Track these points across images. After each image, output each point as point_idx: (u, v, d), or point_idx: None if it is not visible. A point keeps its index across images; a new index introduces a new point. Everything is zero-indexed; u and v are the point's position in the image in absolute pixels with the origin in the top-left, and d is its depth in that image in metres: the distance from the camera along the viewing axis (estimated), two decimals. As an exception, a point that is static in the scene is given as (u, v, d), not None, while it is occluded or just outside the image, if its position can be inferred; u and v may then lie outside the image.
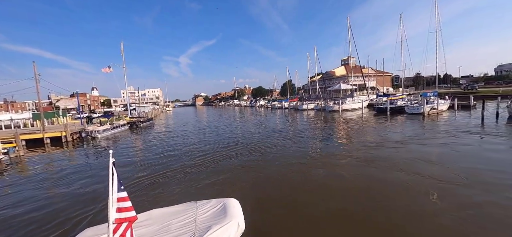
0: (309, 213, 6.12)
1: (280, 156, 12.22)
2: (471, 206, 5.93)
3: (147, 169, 10.89)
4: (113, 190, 2.72)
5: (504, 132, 14.43)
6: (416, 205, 6.18)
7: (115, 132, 24.88)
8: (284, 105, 49.95)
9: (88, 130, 21.64)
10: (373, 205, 6.29)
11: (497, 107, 19.31)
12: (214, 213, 3.94)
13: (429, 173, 8.27)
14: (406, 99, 28.28)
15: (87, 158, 14.91)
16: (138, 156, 14.46)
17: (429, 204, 6.18)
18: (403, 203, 6.34)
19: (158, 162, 12.22)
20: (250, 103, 78.62)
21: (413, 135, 15.37)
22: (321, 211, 6.23)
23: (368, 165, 9.74)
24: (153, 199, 7.44)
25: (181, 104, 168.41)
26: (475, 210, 5.72)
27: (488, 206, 5.89)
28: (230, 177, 9.28)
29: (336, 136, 17.12)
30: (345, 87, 44.19)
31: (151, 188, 8.53)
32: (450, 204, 6.07)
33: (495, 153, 10.62)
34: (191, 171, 10.20)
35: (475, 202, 6.09)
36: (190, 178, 9.44)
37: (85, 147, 18.72)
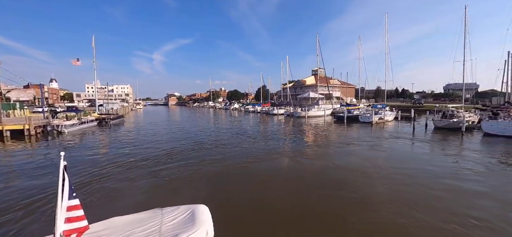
0: (278, 213, 6.55)
1: (251, 157, 12.83)
2: (387, 184, 8.43)
3: (111, 170, 10.34)
4: (63, 198, 2.52)
5: (428, 139, 18.18)
6: (362, 189, 8.49)
7: (84, 127, 24.40)
8: (257, 109, 52.26)
9: (53, 124, 21.10)
10: (327, 193, 8.19)
11: (426, 119, 23.70)
12: (182, 220, 3.73)
13: (367, 164, 10.91)
14: (362, 110, 32.28)
15: (48, 153, 14.18)
16: (103, 155, 13.79)
17: (363, 184, 8.55)
18: (349, 188, 8.61)
19: (125, 162, 11.72)
20: (225, 105, 79.62)
21: (358, 137, 18.53)
22: (287, 209, 6.82)
23: (321, 161, 12.20)
24: (114, 206, 6.96)
25: (153, 103, 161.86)
26: (389, 187, 8.21)
27: (398, 185, 8.43)
28: (200, 182, 9.19)
29: (299, 138, 19.60)
30: (313, 96, 47.99)
31: (114, 192, 8.06)
32: (369, 180, 8.51)
33: (413, 152, 13.87)
34: (160, 175, 9.90)
35: (385, 182, 8.63)
36: (157, 182, 9.09)
37: (52, 141, 18.44)
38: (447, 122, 21.32)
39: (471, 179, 9.18)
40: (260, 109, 51.55)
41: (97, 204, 7.15)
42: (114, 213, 3.88)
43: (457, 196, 7.57)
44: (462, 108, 23.54)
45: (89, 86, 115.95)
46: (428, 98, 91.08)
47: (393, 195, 7.55)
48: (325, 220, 6.17)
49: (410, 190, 7.94)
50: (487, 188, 8.27)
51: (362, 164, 11.30)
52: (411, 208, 6.58)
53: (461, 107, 23.62)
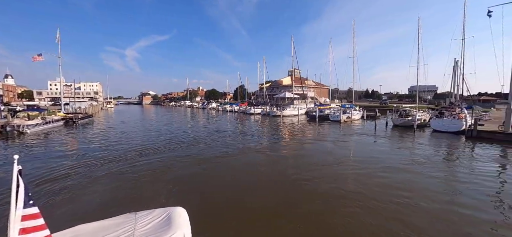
0: (257, 211, 6.65)
1: (228, 156, 13.06)
2: (348, 171, 9.61)
3: (80, 172, 9.84)
4: (18, 206, 2.31)
5: (387, 135, 20.27)
6: (332, 174, 9.51)
7: (48, 127, 22.92)
8: (234, 109, 52.74)
9: (14, 124, 19.63)
10: (302, 186, 9.15)
11: (387, 118, 26.23)
12: (157, 224, 3.54)
13: (331, 156, 12.12)
14: (332, 109, 34.43)
15: (6, 157, 12.83)
16: (71, 156, 13.03)
17: (324, 170, 9.59)
18: (320, 174, 9.60)
19: (95, 163, 11.24)
20: (202, 105, 78.75)
21: (327, 134, 20.00)
22: (266, 205, 6.95)
23: (294, 156, 13.18)
24: (81, 211, 6.59)
25: (125, 102, 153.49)
26: (351, 173, 9.35)
27: (360, 173, 9.63)
28: (177, 182, 8.92)
29: (273, 136, 20.55)
30: (289, 96, 49.71)
31: (81, 196, 7.58)
32: (336, 167, 9.61)
33: (372, 146, 15.50)
34: (133, 176, 9.51)
35: (348, 170, 9.82)
36: (131, 184, 8.68)
37: (12, 142, 17.24)
38: (403, 120, 23.89)
39: (416, 166, 10.79)
40: (238, 108, 52.10)
41: (62, 211, 6.61)
42: (81, 220, 3.64)
43: (404, 178, 8.96)
44: (417, 108, 26.48)
45: (52, 84, 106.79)
46: (394, 98, 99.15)
47: (356, 180, 8.83)
48: (302, 213, 6.43)
49: (370, 176, 9.23)
50: (429, 171, 9.86)
51: (330, 157, 12.65)
52: (371, 192, 7.77)
53: (415, 107, 26.56)
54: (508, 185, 8.67)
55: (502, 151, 14.11)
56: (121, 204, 6.93)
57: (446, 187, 8.53)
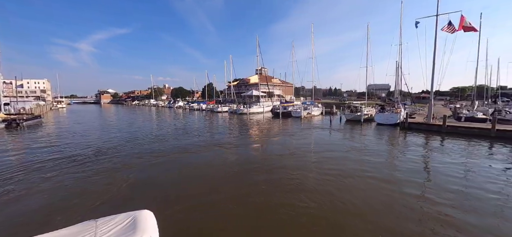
0: (226, 208, 6.62)
1: (194, 154, 13.10)
2: (303, 159, 10.85)
3: (28, 178, 9.06)
4: None
5: (340, 128, 22.66)
6: (292, 164, 10.56)
7: (-17, 130, 20.30)
8: (202, 107, 52.32)
9: None
10: (270, 179, 10.05)
11: (340, 113, 29.15)
12: (120, 230, 3.32)
13: (287, 147, 13.37)
14: (296, 106, 36.66)
15: None
16: (16, 160, 11.77)
17: (285, 160, 10.69)
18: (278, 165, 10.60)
19: (46, 166, 10.44)
20: (169, 103, 75.88)
21: (288, 129, 21.63)
22: (234, 201, 7.02)
23: (258, 150, 14.18)
24: (40, 220, 6.05)
25: (80, 101, 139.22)
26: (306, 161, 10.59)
27: (308, 159, 10.93)
28: (143, 184, 8.58)
29: (239, 132, 21.41)
30: (256, 94, 51.09)
31: (37, 205, 6.89)
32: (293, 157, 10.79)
33: (326, 138, 17.37)
34: (91, 179, 8.97)
35: (305, 159, 11.09)
36: (88, 187, 8.11)
37: None
38: (353, 115, 26.90)
39: (360, 152, 12.69)
40: (205, 107, 51.83)
41: (8, 222, 6.03)
42: (34, 231, 3.34)
43: (352, 161, 10.60)
44: (366, 105, 29.94)
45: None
46: (353, 96, 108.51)
47: (314, 164, 10.09)
48: (275, 208, 6.55)
49: (323, 162, 10.67)
50: (369, 156, 11.74)
51: (291, 148, 14.00)
52: (325, 172, 9.16)
53: (365, 104, 30.03)
54: (424, 165, 10.92)
55: (425, 138, 17.20)
56: (77, 211, 6.43)
57: (375, 166, 10.44)
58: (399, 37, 26.05)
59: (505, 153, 12.66)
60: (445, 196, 7.24)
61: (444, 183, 8.40)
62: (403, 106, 30.29)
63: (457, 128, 18.24)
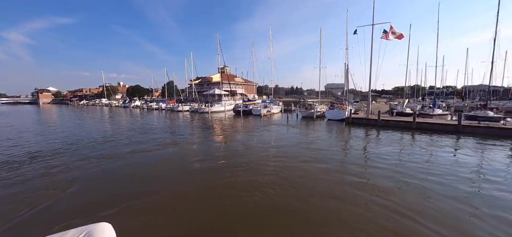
0: (191, 212, 6.30)
1: (150, 155, 12.45)
2: (266, 152, 11.43)
3: None
4: None
5: (296, 125, 24.27)
6: (250, 157, 10.92)
7: None
8: (161, 106, 49.88)
9: None
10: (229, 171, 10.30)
11: (297, 111, 31.21)
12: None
13: (245, 143, 13.93)
14: (257, 105, 37.80)
15: None
16: None
17: (241, 153, 11.11)
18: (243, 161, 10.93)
19: None
20: (124, 103, 70.11)
21: (248, 126, 22.36)
22: (198, 204, 6.75)
23: (213, 145, 14.38)
24: None
25: (10, 101, 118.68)
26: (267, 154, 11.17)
27: (267, 151, 11.58)
28: (98, 192, 7.70)
29: (198, 131, 21.28)
30: (218, 92, 50.85)
31: None
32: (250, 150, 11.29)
33: (283, 133, 18.54)
34: (32, 187, 7.92)
35: (267, 154, 11.71)
36: (28, 198, 7.03)
37: None
38: (308, 112, 29.13)
39: (310, 143, 13.98)
40: (165, 106, 49.55)
41: None
42: None
43: (304, 152, 11.63)
44: (319, 102, 32.62)
45: None
46: (313, 95, 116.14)
47: (270, 156, 10.75)
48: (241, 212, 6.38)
49: (279, 154, 11.45)
50: (319, 147, 13.02)
51: (249, 144, 14.60)
52: (282, 163, 9.83)
53: (317, 102, 32.71)
54: (362, 152, 12.67)
55: (365, 130, 19.72)
56: (28, 226, 5.66)
57: (323, 155, 11.82)
58: (345, 42, 29.03)
59: (423, 140, 15.45)
60: (376, 174, 8.80)
61: (377, 164, 10.20)
62: (352, 103, 33.91)
63: (388, 121, 21.39)
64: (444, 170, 9.40)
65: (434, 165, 10.11)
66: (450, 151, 12.76)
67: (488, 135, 16.44)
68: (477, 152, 12.51)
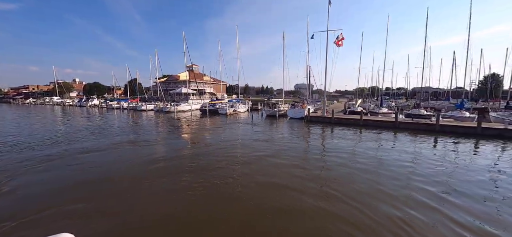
0: (157, 217, 6.00)
1: (107, 158, 11.71)
2: (227, 150, 11.83)
3: None
4: None
5: (260, 123, 25.29)
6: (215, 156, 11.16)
7: None
8: (122, 106, 47.05)
9: None
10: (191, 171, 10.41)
11: (261, 110, 32.43)
12: None
13: (213, 140, 14.25)
14: (223, 104, 38.13)
15: None
16: None
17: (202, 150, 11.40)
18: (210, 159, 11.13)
19: None
20: (80, 102, 64.24)
21: (212, 125, 22.70)
22: (161, 207, 6.50)
23: (181, 146, 14.45)
24: None
25: None
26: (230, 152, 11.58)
27: (231, 150, 12.04)
28: (57, 200, 6.87)
29: (161, 131, 20.93)
30: (185, 91, 49.80)
31: None
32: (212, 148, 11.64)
33: (247, 131, 19.28)
34: None
35: (229, 151, 12.13)
36: None
37: None
38: (271, 111, 30.53)
39: (278, 137, 14.90)
40: (127, 105, 46.88)
41: None
42: None
43: (265, 147, 12.39)
44: (282, 102, 34.30)
45: None
46: (281, 94, 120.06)
47: (231, 152, 11.26)
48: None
49: (241, 150, 12.04)
50: (286, 138, 13.97)
51: (212, 141, 14.98)
52: (242, 158, 10.36)
53: (280, 101, 34.39)
54: (317, 145, 13.99)
55: (321, 127, 21.54)
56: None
57: (283, 149, 12.83)
58: (306, 45, 31.06)
59: (368, 136, 17.55)
60: (328, 162, 9.98)
61: (329, 156, 11.56)
62: (315, 102, 36.28)
63: (341, 119, 23.68)
64: (371, 159, 11.13)
65: (358, 156, 11.84)
66: (379, 143, 14.89)
67: (418, 130, 19.37)
68: (404, 143, 14.85)
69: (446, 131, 18.41)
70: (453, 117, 23.66)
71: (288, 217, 5.97)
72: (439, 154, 12.31)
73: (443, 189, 7.60)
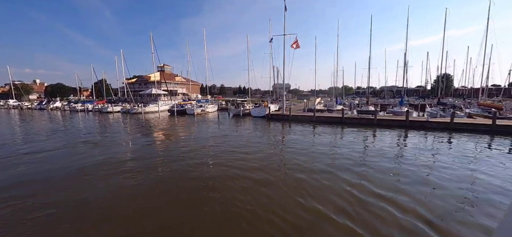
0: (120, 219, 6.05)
1: (56, 162, 11.23)
2: (197, 148, 12.80)
3: None
4: None
5: (226, 121, 26.52)
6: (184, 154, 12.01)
7: None
8: (87, 108, 45.32)
9: None
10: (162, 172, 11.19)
11: (229, 109, 33.74)
12: None
13: (176, 138, 15.17)
14: (191, 104, 38.75)
15: None
16: None
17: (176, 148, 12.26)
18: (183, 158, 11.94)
19: None
20: (40, 104, 60.11)
21: (179, 124, 23.47)
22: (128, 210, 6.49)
23: (149, 145, 15.08)
24: None
25: None
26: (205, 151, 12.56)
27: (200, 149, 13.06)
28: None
29: (127, 132, 21.20)
30: (156, 92, 49.36)
31: None
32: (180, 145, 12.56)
33: (212, 129, 20.38)
34: None
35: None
36: None
37: None
38: (237, 110, 31.98)
39: (241, 134, 16.20)
40: (92, 107, 45.27)
41: None
42: None
43: (234, 138, 13.59)
44: (248, 101, 35.95)
45: None
46: (257, 94, 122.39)
47: (204, 149, 12.28)
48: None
49: (209, 144, 13.11)
50: (248, 134, 15.29)
51: (179, 140, 15.88)
52: (211, 151, 11.43)
53: (246, 101, 36.04)
54: (274, 140, 15.59)
55: (281, 124, 23.42)
56: None
57: (242, 144, 14.21)
58: (269, 47, 32.97)
59: (316, 131, 19.66)
60: (283, 152, 11.52)
61: (284, 147, 13.15)
62: (281, 102, 38.16)
63: (297, 116, 25.88)
64: (307, 149, 13.06)
65: (298, 148, 13.75)
66: (321, 134, 17.04)
67: (360, 124, 22.04)
68: (342, 134, 17.16)
69: (382, 124, 21.27)
70: (393, 112, 27.08)
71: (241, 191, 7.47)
72: (362, 141, 14.77)
73: (354, 163, 9.88)
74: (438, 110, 26.77)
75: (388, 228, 5.45)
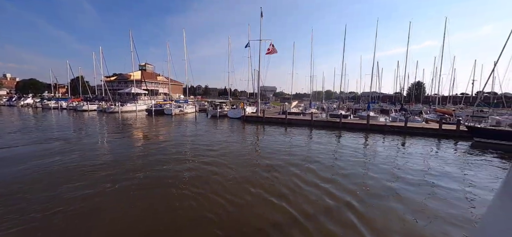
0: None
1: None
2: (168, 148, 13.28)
3: None
4: None
5: (203, 122, 27.13)
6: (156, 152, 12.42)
7: None
8: (61, 105, 43.91)
9: None
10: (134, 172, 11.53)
11: (207, 110, 34.39)
12: None
13: (154, 138, 15.59)
14: (170, 105, 38.90)
15: None
16: None
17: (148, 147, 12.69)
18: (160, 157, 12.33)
19: None
20: (10, 101, 57.19)
21: (156, 124, 23.78)
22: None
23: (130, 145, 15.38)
24: None
25: None
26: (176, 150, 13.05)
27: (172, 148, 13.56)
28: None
29: (100, 132, 21.15)
30: (135, 91, 48.70)
31: None
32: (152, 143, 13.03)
33: (191, 130, 20.92)
34: None
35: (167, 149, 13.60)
36: None
37: None
38: (214, 111, 32.73)
39: (218, 135, 16.87)
40: (67, 104, 43.92)
41: None
42: None
43: (210, 136, 14.22)
44: (227, 103, 36.80)
45: None
46: (244, 96, 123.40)
47: (177, 147, 12.81)
48: None
49: (185, 143, 13.66)
50: (226, 134, 15.98)
51: (155, 140, 16.27)
52: (188, 152, 11.97)
53: (224, 102, 36.89)
54: (247, 139, 16.47)
55: (255, 126, 24.45)
56: None
57: (217, 143, 14.88)
58: (248, 51, 34.08)
59: (289, 132, 20.87)
60: (257, 147, 12.39)
61: (256, 146, 13.99)
62: (263, 104, 39.33)
63: (270, 118, 27.12)
64: (273, 148, 14.16)
65: (269, 143, 14.84)
66: (287, 134, 18.28)
67: (326, 127, 23.62)
68: (307, 136, 18.51)
69: (346, 127, 22.98)
70: (360, 116, 29.08)
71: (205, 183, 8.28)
72: (323, 142, 16.20)
73: (302, 159, 11.23)
74: (399, 115, 29.11)
75: (314, 208, 6.71)
